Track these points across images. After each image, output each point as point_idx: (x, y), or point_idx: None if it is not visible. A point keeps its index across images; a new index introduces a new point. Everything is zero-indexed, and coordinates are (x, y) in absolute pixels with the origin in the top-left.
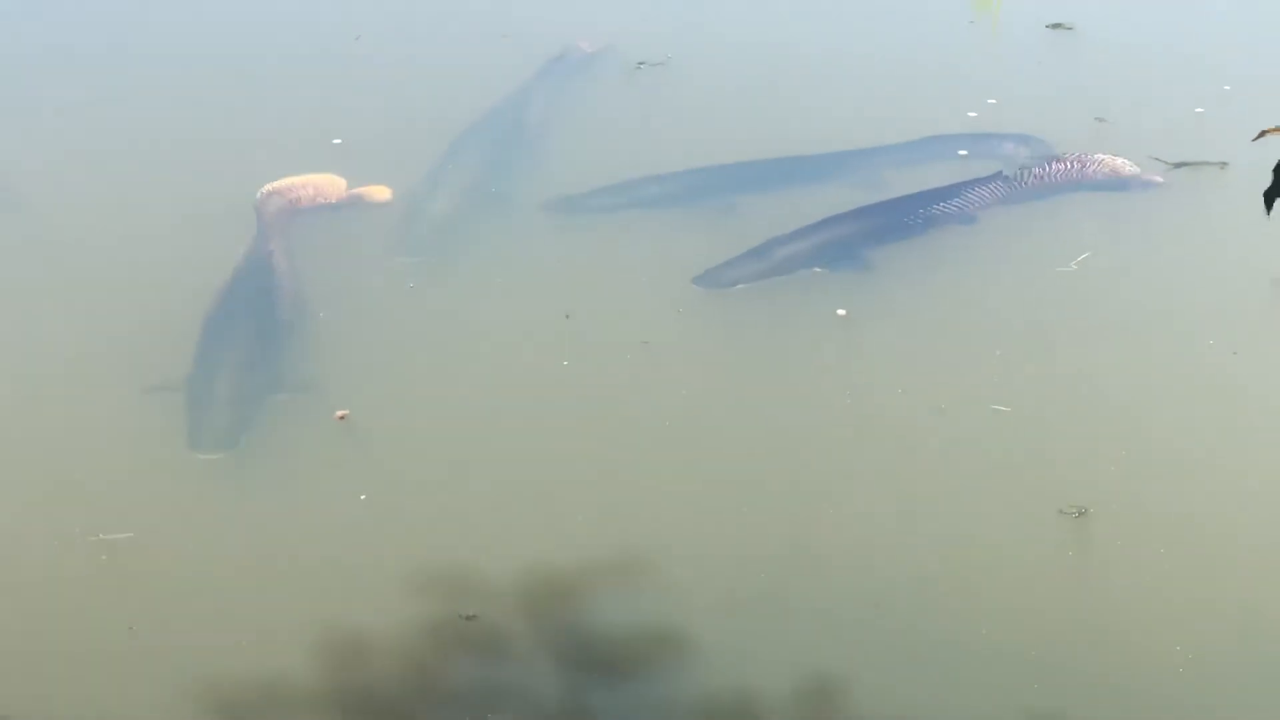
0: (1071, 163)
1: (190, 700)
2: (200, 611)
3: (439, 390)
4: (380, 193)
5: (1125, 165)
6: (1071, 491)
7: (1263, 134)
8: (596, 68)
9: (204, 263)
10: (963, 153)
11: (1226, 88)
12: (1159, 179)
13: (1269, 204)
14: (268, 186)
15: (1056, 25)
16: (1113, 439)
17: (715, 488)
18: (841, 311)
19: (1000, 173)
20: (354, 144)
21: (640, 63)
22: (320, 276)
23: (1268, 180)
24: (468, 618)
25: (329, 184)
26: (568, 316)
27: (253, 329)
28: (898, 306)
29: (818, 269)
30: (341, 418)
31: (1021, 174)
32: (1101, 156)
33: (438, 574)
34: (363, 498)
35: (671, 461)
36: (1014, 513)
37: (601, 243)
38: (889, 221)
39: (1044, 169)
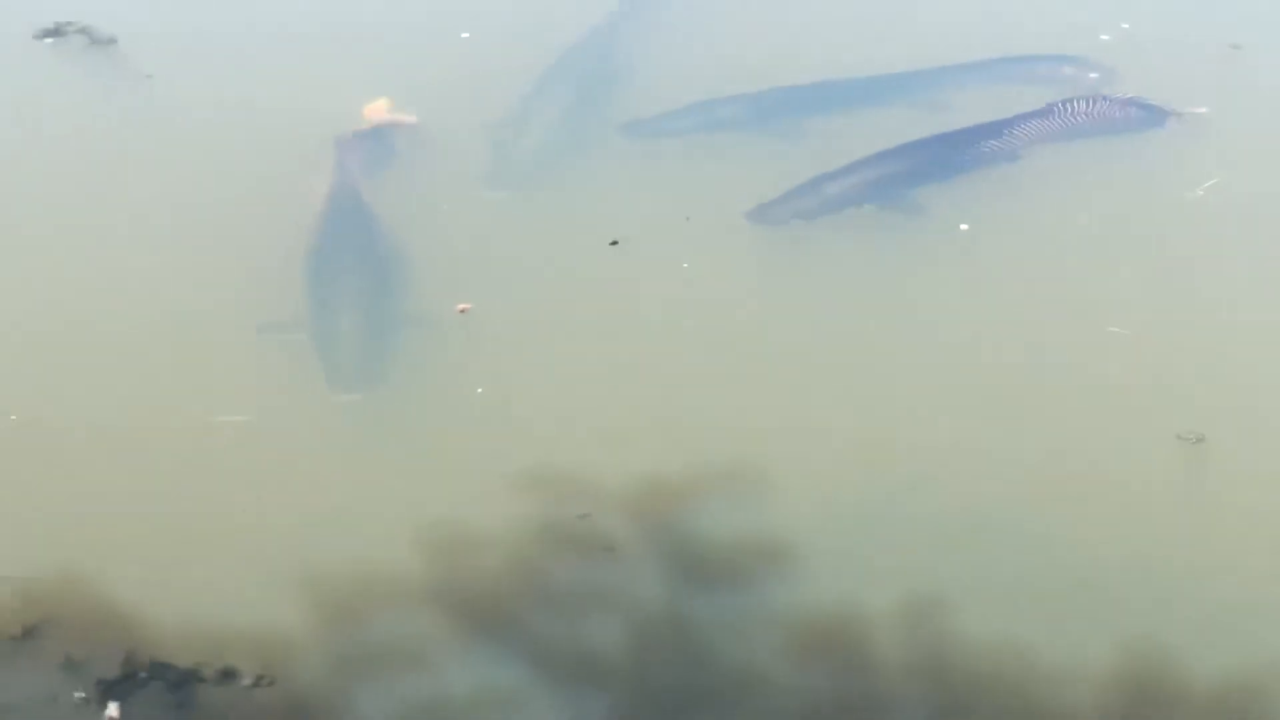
0: (1115, 99)
1: (298, 590)
2: (311, 501)
3: (545, 311)
4: (413, 118)
5: (1169, 103)
6: (1189, 418)
7: None
8: None
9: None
10: (1093, 75)
11: None
12: (1202, 110)
13: None
14: (348, 124)
15: None
16: (1233, 367)
17: (824, 402)
18: (964, 226)
19: (1050, 106)
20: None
21: None
22: (408, 210)
23: None
24: (580, 516)
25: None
26: (614, 243)
27: (361, 266)
28: (1014, 225)
29: (871, 206)
30: (463, 310)
31: (1067, 109)
32: (1143, 95)
33: (550, 472)
34: (480, 390)
35: (781, 374)
36: (1130, 437)
37: (690, 165)
38: (938, 158)
39: (1089, 104)
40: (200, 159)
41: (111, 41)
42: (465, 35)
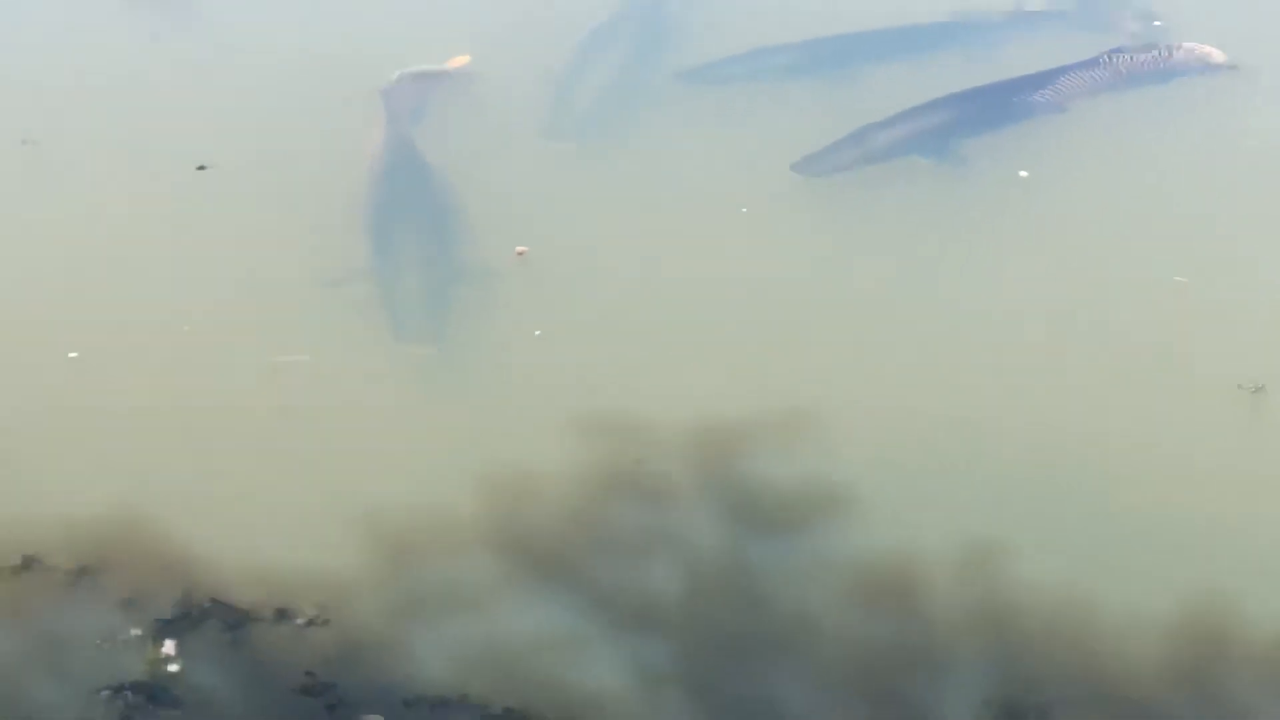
0: (1161, 50)
1: (355, 531)
2: (369, 442)
3: (602, 256)
4: (459, 60)
5: (1214, 53)
6: (1250, 367)
7: None
8: None
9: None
10: (1156, 24)
11: None
12: (1252, 60)
13: None
14: (394, 74)
15: None
16: None
17: (882, 348)
18: (1024, 173)
19: (1099, 57)
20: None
21: None
22: (464, 160)
23: None
24: (636, 461)
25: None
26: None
27: (420, 218)
28: (1073, 173)
29: (915, 157)
30: (521, 254)
31: (1113, 60)
32: (1190, 45)
33: (607, 417)
34: (538, 333)
35: (840, 324)
36: (1190, 385)
37: (745, 113)
38: (984, 109)
39: (1136, 56)
40: (256, 106)
41: None
42: None
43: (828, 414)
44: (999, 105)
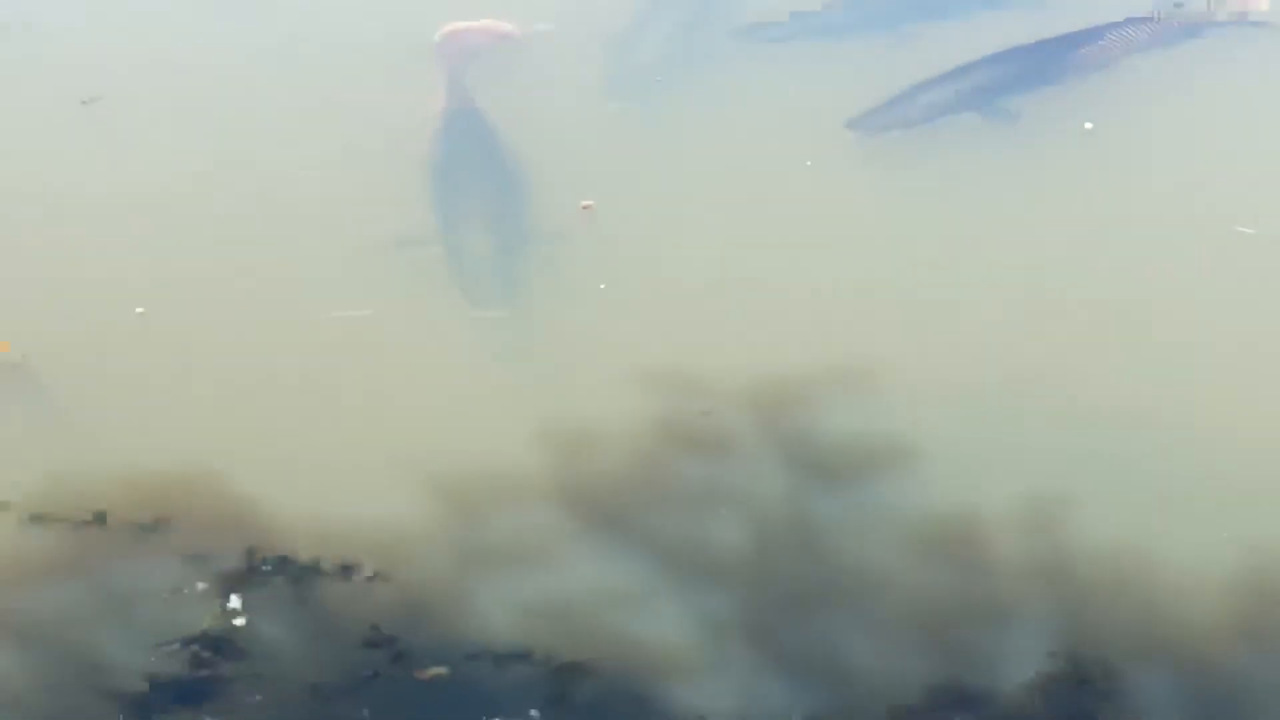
0: (1208, 3)
1: (419, 486)
2: (433, 396)
3: (665, 212)
4: (527, 27)
5: (1260, 4)
6: None
7: None
8: None
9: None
10: None
11: None
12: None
13: None
14: (443, 30)
15: None
16: None
17: (947, 304)
18: (1089, 124)
19: (1147, 16)
20: None
21: None
22: (526, 121)
23: None
24: (702, 413)
25: (474, 27)
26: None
27: (485, 180)
28: (1135, 125)
29: (965, 115)
30: (587, 208)
31: (1158, 15)
32: None
33: (672, 370)
34: (602, 286)
35: (904, 278)
36: (1256, 337)
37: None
38: (1034, 65)
39: (1181, 10)
40: (316, 63)
41: None
42: None
43: (892, 368)
44: (1045, 62)
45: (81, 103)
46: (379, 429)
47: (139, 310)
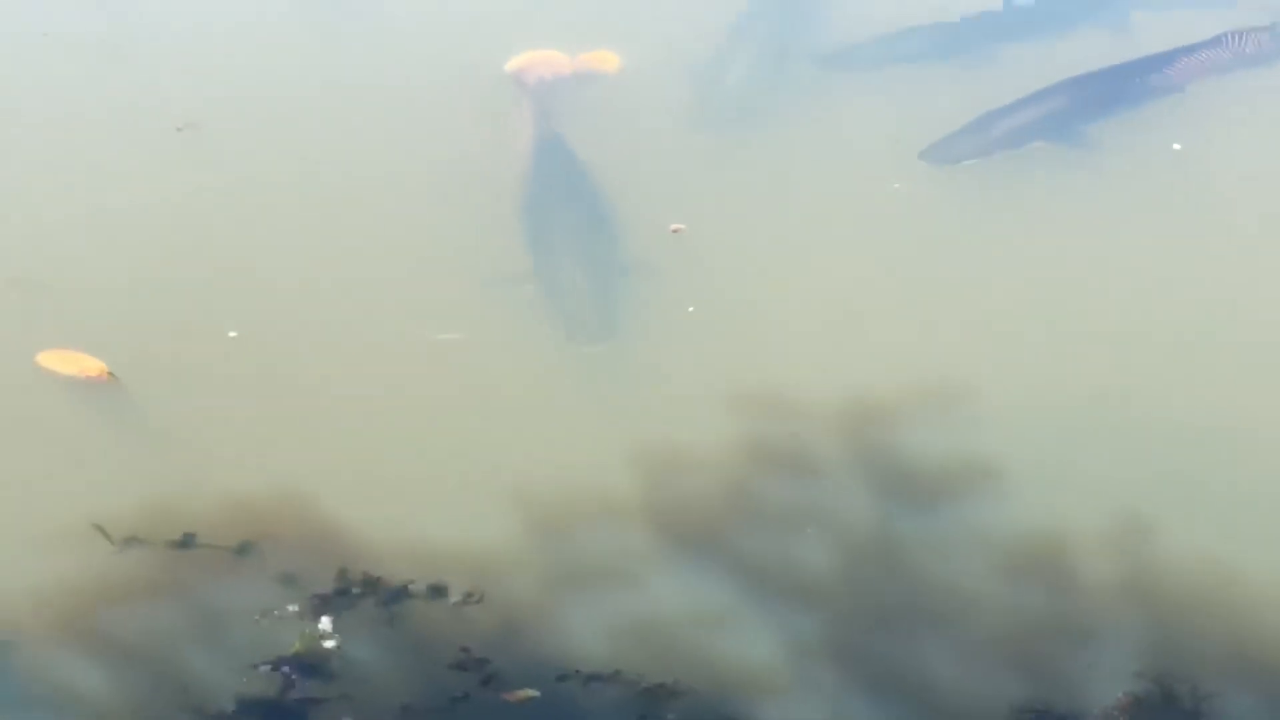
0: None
1: (509, 507)
2: (523, 418)
3: (754, 236)
4: (608, 60)
5: None
6: None
7: None
8: None
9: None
10: None
11: None
12: None
13: None
14: (514, 62)
15: None
16: None
17: (1032, 327)
18: (1177, 146)
19: (1220, 37)
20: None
21: None
22: (613, 154)
23: None
24: (790, 434)
25: (555, 59)
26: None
27: (578, 216)
28: (1227, 146)
29: (1040, 143)
30: (676, 231)
31: (1237, 40)
32: None
33: (759, 390)
34: (690, 309)
35: (990, 300)
36: None
37: (884, 96)
38: (1104, 93)
39: (1258, 36)
40: (407, 95)
41: None
42: None
43: (978, 388)
44: (1122, 86)
45: (177, 129)
46: (470, 451)
47: (232, 334)
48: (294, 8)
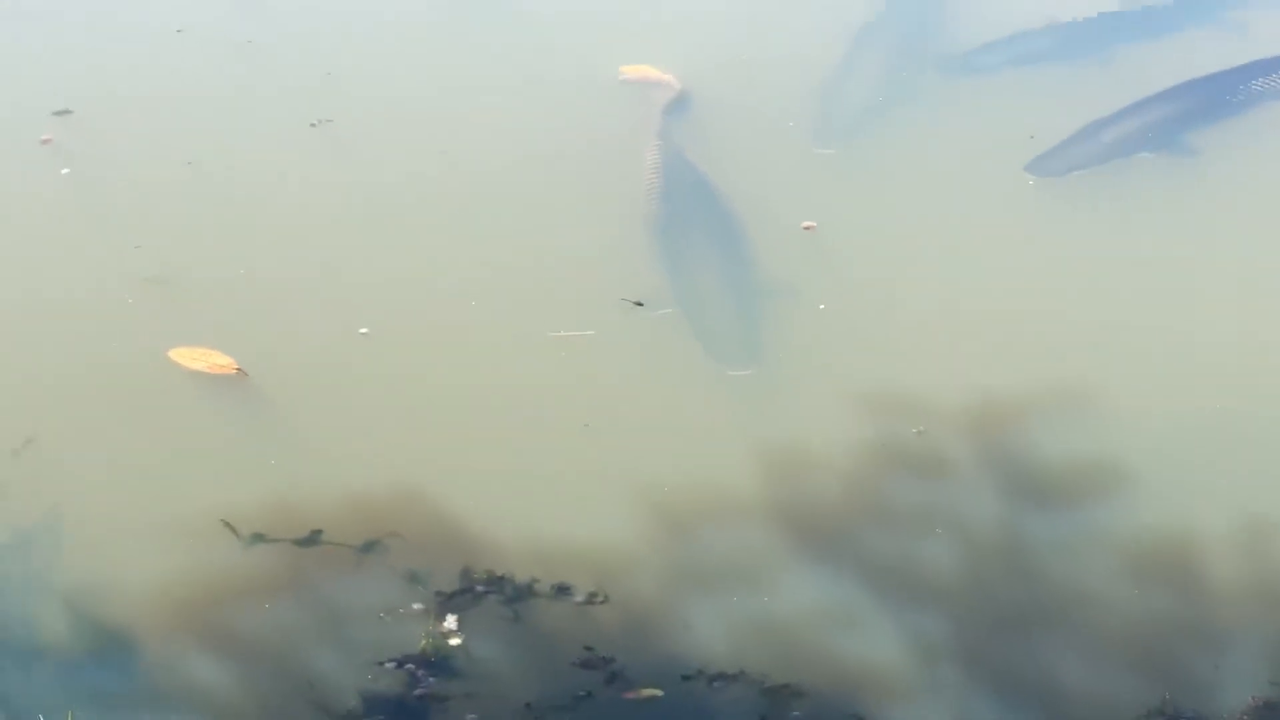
0: None
1: (634, 507)
2: (649, 417)
3: (883, 235)
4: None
5: None
6: None
7: None
8: None
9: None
10: None
11: None
12: None
13: None
14: (629, 71)
15: None
16: None
17: (1160, 325)
18: None
19: None
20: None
21: None
22: (738, 171)
23: None
24: (916, 432)
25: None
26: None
27: (712, 236)
28: None
29: (1145, 154)
30: (809, 229)
31: None
32: None
33: (886, 390)
34: (821, 307)
35: (1121, 303)
36: None
37: (1005, 102)
38: (1209, 101)
39: None
40: (532, 89)
41: None
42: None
43: (1105, 390)
44: (1222, 94)
45: (310, 125)
46: (596, 449)
47: (363, 330)
48: (428, 8)
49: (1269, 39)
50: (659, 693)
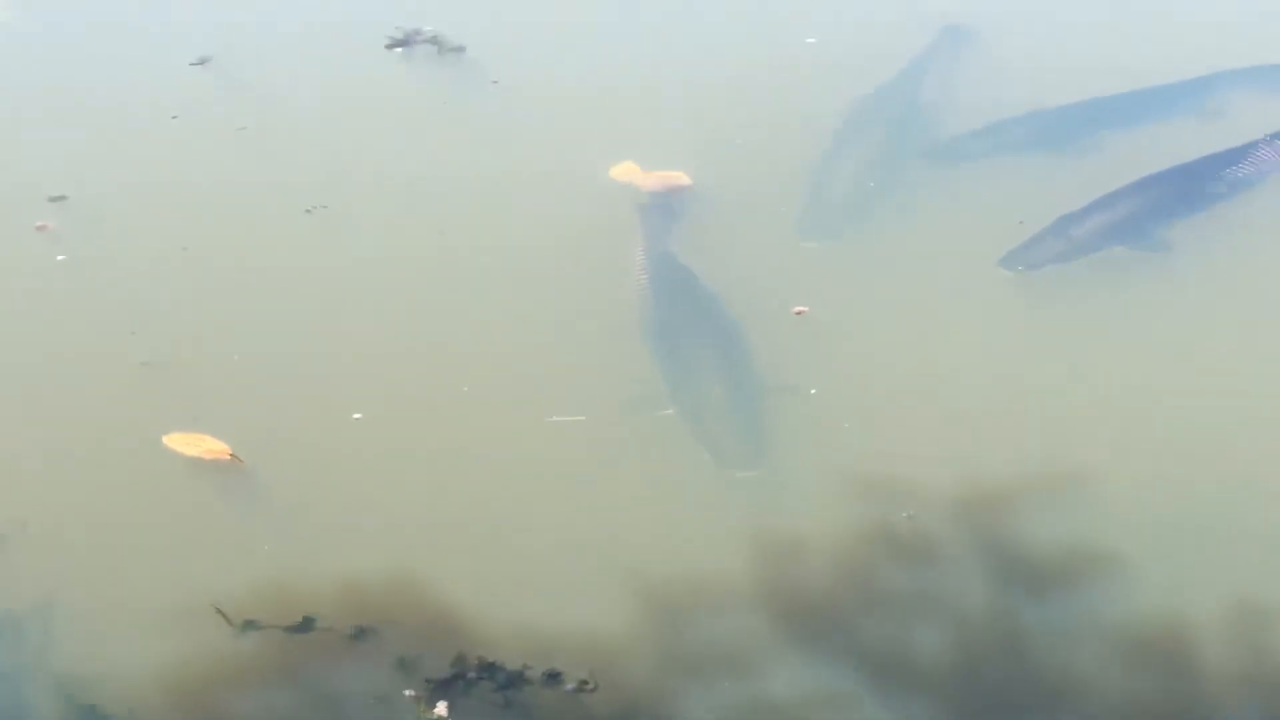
0: None
1: (625, 593)
2: (640, 503)
3: (874, 322)
4: (680, 178)
5: None
6: None
7: None
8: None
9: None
10: None
11: None
12: None
13: None
14: (618, 170)
15: None
16: None
17: (1152, 410)
18: None
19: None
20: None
21: None
22: (720, 269)
23: None
24: (906, 517)
25: (651, 174)
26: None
27: (705, 334)
28: None
29: (1119, 247)
30: (799, 314)
31: None
32: None
33: (877, 473)
34: (813, 391)
35: (1112, 386)
36: None
37: (989, 190)
38: (1179, 193)
39: None
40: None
41: (460, 50)
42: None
43: (1097, 475)
44: (1194, 185)
45: (305, 210)
46: (588, 535)
47: (356, 415)
48: (422, 94)
49: (1248, 126)
50: None
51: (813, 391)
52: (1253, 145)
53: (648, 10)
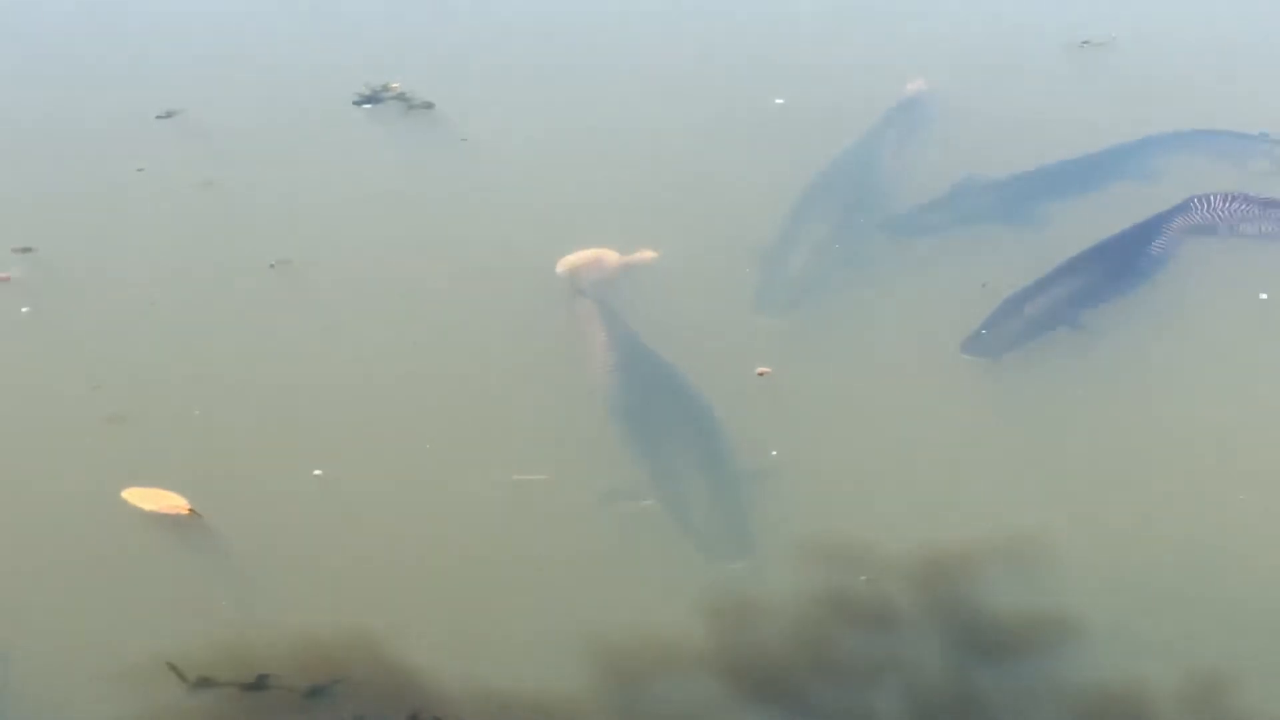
0: (1252, 202)
1: (583, 653)
2: (598, 563)
3: (835, 387)
4: (647, 255)
5: None
6: None
7: None
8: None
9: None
10: None
11: None
12: None
13: None
14: (565, 263)
15: None
16: None
17: (1110, 480)
18: (1264, 295)
19: (1188, 202)
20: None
21: None
22: (685, 345)
23: None
24: (864, 580)
25: (604, 257)
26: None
27: (676, 418)
28: None
29: (1064, 329)
30: (762, 374)
31: (1204, 205)
32: None
33: (835, 536)
34: (774, 453)
35: (1071, 455)
36: None
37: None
38: (1106, 273)
39: (1227, 202)
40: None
41: (428, 107)
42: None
43: (1051, 542)
44: (1117, 266)
45: (270, 265)
46: (545, 597)
47: (317, 472)
48: (386, 149)
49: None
50: None
51: (774, 453)
52: (1162, 217)
53: (616, 69)
